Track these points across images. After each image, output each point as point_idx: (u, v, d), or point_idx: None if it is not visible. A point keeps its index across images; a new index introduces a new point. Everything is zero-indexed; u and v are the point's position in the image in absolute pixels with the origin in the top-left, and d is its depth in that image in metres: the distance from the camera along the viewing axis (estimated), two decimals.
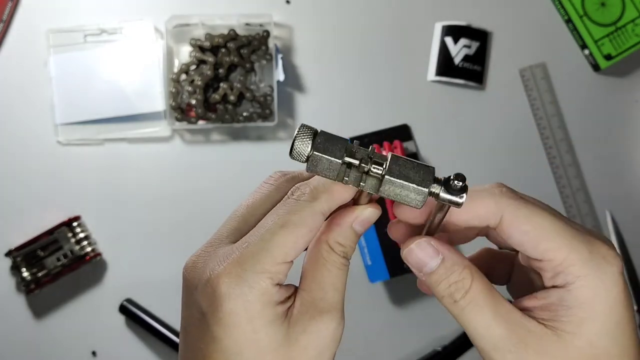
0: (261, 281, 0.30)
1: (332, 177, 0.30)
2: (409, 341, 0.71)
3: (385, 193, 0.30)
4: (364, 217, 0.33)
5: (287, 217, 0.31)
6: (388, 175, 0.30)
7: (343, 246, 0.33)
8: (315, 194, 0.32)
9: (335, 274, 0.32)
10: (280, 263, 0.30)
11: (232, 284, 0.30)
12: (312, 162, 0.30)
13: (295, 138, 0.31)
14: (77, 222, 0.68)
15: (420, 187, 0.31)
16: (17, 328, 0.70)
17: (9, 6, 0.70)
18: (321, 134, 0.31)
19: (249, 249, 0.31)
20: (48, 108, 0.70)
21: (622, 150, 0.73)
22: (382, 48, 0.72)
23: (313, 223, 0.31)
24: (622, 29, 0.72)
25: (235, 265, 0.30)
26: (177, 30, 0.70)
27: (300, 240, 0.31)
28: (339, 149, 0.31)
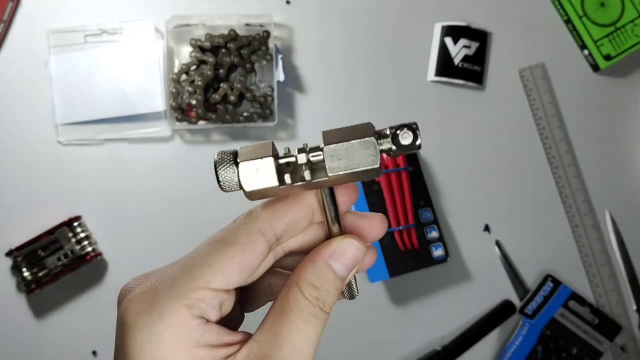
0: (175, 309, 0.23)
1: (273, 181, 0.26)
2: (409, 341, 0.71)
3: (334, 167, 0.26)
4: (343, 252, 0.27)
5: (217, 235, 0.26)
6: (328, 148, 0.26)
7: (317, 289, 0.26)
8: (253, 211, 0.27)
9: (299, 328, 0.25)
10: (201, 288, 0.24)
11: (141, 311, 0.24)
12: (243, 178, 0.26)
13: (216, 167, 0.26)
14: (77, 222, 0.69)
15: (365, 138, 0.27)
16: (18, 328, 0.70)
17: (10, 6, 0.70)
18: (241, 149, 0.27)
19: (170, 270, 0.25)
20: (48, 108, 0.70)
21: (621, 150, 0.73)
22: (382, 48, 0.72)
23: (248, 242, 0.25)
24: (621, 29, 0.72)
25: (150, 289, 0.25)
26: (177, 31, 0.70)
27: (229, 262, 0.24)
28: (265, 150, 0.27)
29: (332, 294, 0.26)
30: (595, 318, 0.71)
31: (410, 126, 0.27)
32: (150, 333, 0.23)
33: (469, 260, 0.72)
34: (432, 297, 0.71)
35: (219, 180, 0.26)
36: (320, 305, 0.26)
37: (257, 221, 0.26)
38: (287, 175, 0.26)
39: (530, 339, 0.70)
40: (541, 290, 0.71)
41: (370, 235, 0.29)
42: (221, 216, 0.74)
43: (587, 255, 0.72)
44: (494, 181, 0.72)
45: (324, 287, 0.26)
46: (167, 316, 0.23)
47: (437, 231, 0.69)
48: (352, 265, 0.27)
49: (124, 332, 0.25)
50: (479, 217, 0.72)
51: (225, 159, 0.26)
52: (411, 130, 0.27)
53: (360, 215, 0.30)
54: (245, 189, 0.26)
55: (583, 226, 0.72)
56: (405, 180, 0.69)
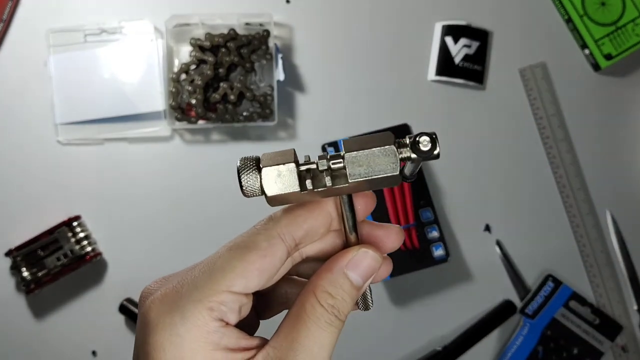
0: (196, 311, 0.24)
1: (295, 187, 0.26)
2: (409, 341, 0.71)
3: (355, 175, 0.27)
4: (359, 262, 0.27)
5: (238, 240, 0.26)
6: (348, 156, 0.27)
7: (333, 298, 0.26)
8: (272, 218, 0.27)
9: (315, 335, 0.26)
10: (223, 292, 0.25)
11: (163, 313, 0.24)
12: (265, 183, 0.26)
13: (240, 173, 0.27)
14: (77, 222, 0.68)
15: (386, 146, 0.27)
16: (17, 328, 0.70)
17: (9, 6, 0.70)
18: (263, 155, 0.28)
19: (192, 273, 0.26)
20: (48, 108, 0.70)
21: (622, 150, 0.73)
22: (382, 48, 0.72)
23: (268, 248, 0.26)
24: (622, 28, 0.71)
25: (172, 292, 0.25)
26: (177, 30, 0.69)
27: (250, 267, 0.25)
28: (288, 157, 0.27)
29: (348, 303, 0.27)
30: (596, 318, 0.70)
31: (430, 135, 0.28)
32: (172, 334, 0.24)
33: (470, 260, 0.71)
34: (433, 297, 0.71)
35: (242, 186, 0.27)
36: (336, 313, 0.26)
37: (277, 227, 0.26)
38: (308, 181, 0.27)
39: (530, 339, 0.70)
40: (542, 290, 0.70)
41: (386, 245, 0.30)
42: (220, 216, 0.74)
43: (588, 255, 0.72)
44: (494, 181, 0.72)
45: (340, 296, 0.27)
46: (189, 318, 0.24)
47: (437, 231, 0.69)
48: (368, 275, 0.28)
49: (146, 332, 0.25)
50: (479, 216, 0.72)
51: (248, 164, 0.27)
52: (430, 138, 0.28)
53: (377, 226, 0.30)
54: (268, 194, 0.26)
55: (584, 226, 0.72)
56: None
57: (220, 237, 0.76)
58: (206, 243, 0.70)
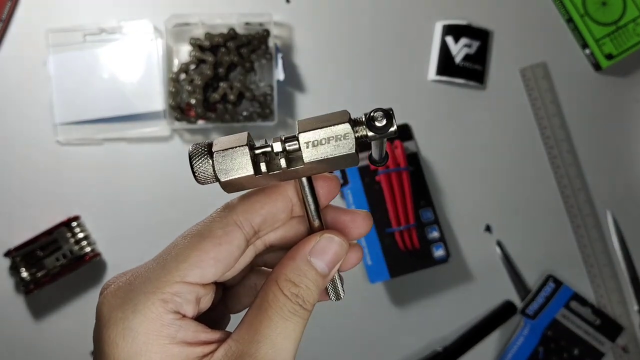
0: (149, 303, 0.23)
1: (249, 170, 0.25)
2: (409, 341, 0.71)
3: (310, 156, 0.25)
4: (323, 248, 0.26)
5: (194, 228, 0.26)
6: (303, 136, 0.26)
7: (296, 286, 0.25)
8: (229, 205, 0.26)
9: (278, 325, 0.24)
10: (177, 282, 0.24)
11: (115, 305, 0.23)
12: (218, 168, 0.25)
13: (191, 159, 0.26)
14: (76, 222, 0.68)
15: (341, 124, 0.26)
16: (17, 328, 0.70)
17: (8, 5, 0.70)
18: (216, 140, 0.27)
19: (146, 266, 0.25)
20: (47, 108, 0.69)
21: (623, 150, 0.73)
22: (383, 47, 0.72)
23: (223, 235, 0.25)
24: (623, 28, 0.71)
25: (124, 284, 0.24)
26: (176, 30, 0.69)
27: (205, 256, 0.24)
28: (241, 140, 0.26)
29: (313, 291, 0.26)
30: (596, 319, 0.70)
31: (386, 110, 0.26)
32: (124, 328, 0.23)
33: (470, 261, 0.71)
34: (433, 297, 0.71)
35: (194, 172, 0.26)
36: (300, 302, 0.25)
37: (232, 213, 0.25)
38: (262, 164, 0.26)
39: (531, 339, 0.70)
40: (542, 290, 0.70)
41: (353, 232, 0.29)
42: None
43: (589, 255, 0.71)
44: (495, 181, 0.72)
45: (304, 284, 0.25)
46: (142, 311, 0.23)
47: (438, 231, 0.69)
48: (334, 262, 0.26)
49: (99, 327, 0.24)
50: (480, 217, 0.72)
51: (200, 150, 0.26)
52: (385, 114, 0.26)
53: (343, 211, 0.29)
54: (221, 179, 0.26)
55: (585, 226, 0.71)
56: (405, 180, 0.68)
57: None
58: None
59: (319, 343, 0.69)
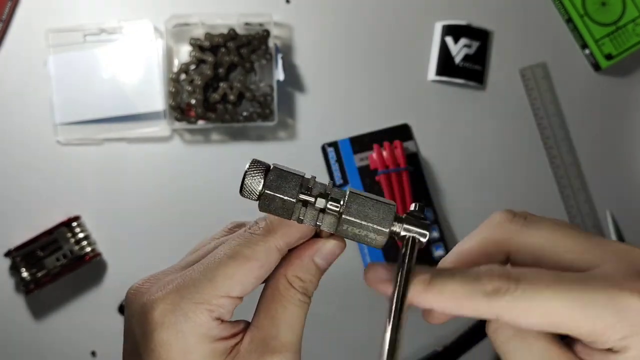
0: (198, 312, 0.28)
1: (287, 216, 0.29)
2: (409, 341, 0.71)
3: (343, 233, 0.29)
4: (326, 251, 0.31)
5: (239, 248, 0.29)
6: (346, 214, 0.28)
7: (303, 281, 0.30)
8: (271, 228, 0.30)
9: (291, 311, 0.30)
10: (223, 296, 0.28)
11: (167, 311, 0.28)
12: (264, 201, 0.29)
13: (246, 174, 0.29)
14: (76, 222, 0.68)
15: (381, 227, 0.28)
16: (17, 328, 0.70)
17: (9, 6, 0.70)
18: (274, 170, 0.29)
19: (192, 276, 0.29)
20: (47, 108, 0.69)
21: (623, 150, 0.73)
22: (382, 47, 0.72)
23: (266, 258, 0.29)
24: (622, 28, 0.71)
25: (173, 292, 0.28)
26: (176, 30, 0.69)
27: (248, 275, 0.29)
28: (292, 187, 0.29)
29: (314, 283, 0.31)
30: None
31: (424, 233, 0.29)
32: (177, 331, 0.28)
33: None
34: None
35: (243, 185, 0.29)
36: (305, 292, 0.30)
37: (274, 238, 0.30)
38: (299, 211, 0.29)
39: None
40: None
41: None
42: (220, 216, 0.74)
43: None
44: (494, 181, 0.72)
45: (308, 279, 0.30)
46: (192, 318, 0.28)
47: (437, 231, 0.69)
48: (332, 259, 0.31)
49: (148, 330, 0.28)
50: (480, 217, 0.71)
51: (257, 171, 0.29)
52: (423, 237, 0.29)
53: None
54: (260, 209, 0.29)
55: (584, 226, 0.71)
56: (405, 180, 0.68)
57: None
58: None
59: (319, 343, 0.69)
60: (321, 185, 0.29)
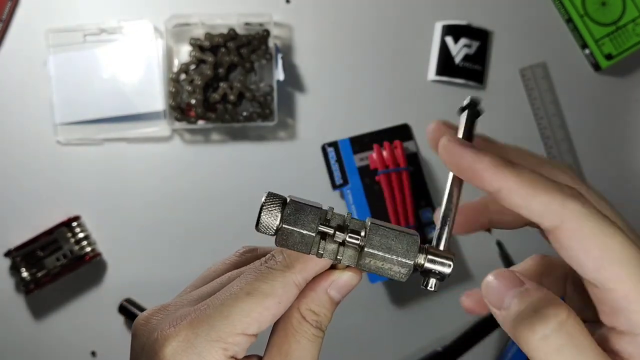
0: (213, 351, 0.27)
1: (305, 251, 0.28)
2: (409, 341, 0.71)
3: (365, 267, 0.28)
4: (341, 283, 0.29)
5: (256, 284, 0.28)
6: (368, 247, 0.27)
7: (317, 315, 0.29)
8: (289, 263, 0.29)
9: (304, 346, 0.29)
10: (239, 334, 0.27)
11: (179, 349, 0.27)
12: (281, 236, 0.27)
13: (262, 209, 0.27)
14: (76, 222, 0.68)
15: (405, 259, 0.27)
16: (17, 328, 0.70)
17: (9, 6, 0.70)
18: (291, 203, 0.28)
19: (206, 312, 0.27)
20: (47, 108, 0.69)
21: (623, 150, 0.73)
22: (383, 47, 0.72)
23: (284, 295, 0.28)
24: (622, 28, 0.71)
25: (187, 328, 0.27)
26: (176, 30, 0.69)
27: (266, 313, 0.28)
28: (311, 220, 0.27)
29: (328, 317, 0.30)
30: None
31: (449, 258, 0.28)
32: None
33: (470, 260, 0.71)
34: (433, 297, 0.71)
35: (259, 221, 0.27)
36: (319, 326, 0.29)
37: (292, 273, 0.28)
38: (319, 245, 0.28)
39: None
40: None
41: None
42: (220, 216, 0.74)
43: None
44: None
45: (323, 313, 0.29)
46: (206, 357, 0.27)
47: None
48: (347, 292, 0.30)
49: None
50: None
51: (273, 206, 0.27)
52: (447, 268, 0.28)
53: None
54: (277, 246, 0.28)
55: None
56: (405, 180, 0.68)
57: (220, 237, 0.76)
58: (205, 243, 0.70)
59: None
60: (339, 216, 0.28)
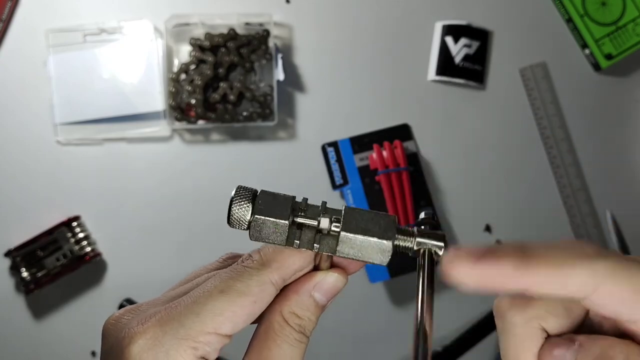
0: (181, 349, 0.25)
1: (281, 241, 0.26)
2: (409, 341, 0.71)
3: (344, 253, 0.27)
4: (326, 285, 0.28)
5: (230, 282, 0.26)
6: (345, 231, 0.26)
7: (300, 318, 0.27)
8: (264, 261, 0.27)
9: (285, 351, 0.27)
10: (209, 333, 0.25)
11: (146, 347, 0.25)
12: (254, 228, 0.26)
13: (232, 203, 0.27)
14: (76, 222, 0.68)
15: (383, 240, 0.27)
16: (17, 328, 0.70)
17: (8, 6, 0.70)
18: (262, 194, 0.27)
19: (177, 310, 0.26)
20: (47, 108, 0.69)
21: (623, 150, 0.73)
22: (382, 48, 0.72)
23: (260, 293, 0.26)
24: (622, 28, 0.71)
25: (155, 326, 0.25)
26: (176, 30, 0.69)
27: (240, 312, 0.26)
28: (284, 208, 0.26)
29: (313, 321, 0.28)
30: None
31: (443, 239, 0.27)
32: None
33: None
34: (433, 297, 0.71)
35: (230, 215, 0.27)
36: (303, 330, 0.27)
37: (268, 271, 0.27)
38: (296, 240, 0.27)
39: None
40: None
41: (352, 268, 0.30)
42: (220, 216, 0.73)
43: None
44: (494, 181, 0.72)
45: (306, 317, 0.28)
46: (173, 355, 0.25)
47: None
48: (333, 295, 0.29)
49: None
50: (479, 216, 0.72)
51: (243, 198, 0.27)
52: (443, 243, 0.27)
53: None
54: (252, 239, 0.27)
55: (585, 226, 0.71)
56: (405, 180, 0.68)
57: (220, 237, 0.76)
58: (205, 243, 0.70)
59: (318, 343, 0.69)
60: (314, 206, 0.27)
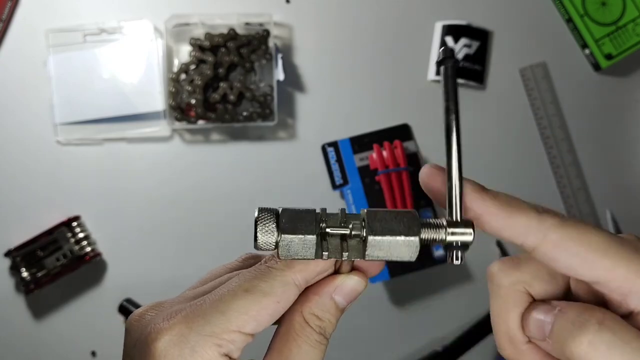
0: (206, 346, 0.26)
1: (310, 255, 0.27)
2: (409, 341, 0.71)
3: (373, 256, 0.27)
4: (347, 288, 0.29)
5: (255, 282, 0.27)
6: (371, 235, 0.26)
7: (320, 320, 0.28)
8: (289, 262, 0.28)
9: (305, 352, 0.28)
10: (234, 331, 0.26)
11: (172, 343, 0.26)
12: (283, 247, 0.27)
13: (257, 225, 0.27)
14: (76, 222, 0.68)
15: (410, 237, 0.27)
16: (17, 328, 0.70)
17: (8, 6, 0.70)
18: (283, 212, 0.27)
19: (202, 307, 0.27)
20: (47, 108, 0.69)
21: (622, 150, 0.73)
22: (382, 48, 0.72)
23: (283, 294, 0.27)
24: (622, 28, 0.71)
25: (180, 323, 0.26)
26: (176, 30, 0.69)
27: (264, 312, 0.27)
28: (309, 223, 0.27)
29: (333, 324, 0.29)
30: None
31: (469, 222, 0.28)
32: None
33: (470, 260, 0.71)
34: (433, 297, 0.71)
35: (257, 240, 0.27)
36: (323, 332, 0.28)
37: (292, 272, 0.28)
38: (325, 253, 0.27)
39: None
40: None
41: (373, 271, 0.31)
42: (220, 215, 0.74)
43: None
44: (494, 181, 0.72)
45: (327, 318, 0.28)
46: (199, 352, 0.26)
47: None
48: (353, 298, 0.29)
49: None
50: None
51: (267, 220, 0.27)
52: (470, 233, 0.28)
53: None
54: (281, 257, 0.27)
55: None
56: (405, 180, 0.68)
57: (220, 237, 0.76)
58: (205, 242, 0.70)
59: None
60: (334, 215, 0.28)
